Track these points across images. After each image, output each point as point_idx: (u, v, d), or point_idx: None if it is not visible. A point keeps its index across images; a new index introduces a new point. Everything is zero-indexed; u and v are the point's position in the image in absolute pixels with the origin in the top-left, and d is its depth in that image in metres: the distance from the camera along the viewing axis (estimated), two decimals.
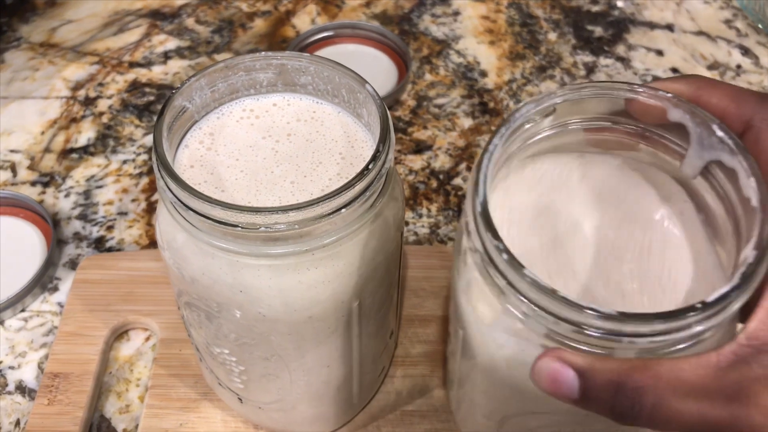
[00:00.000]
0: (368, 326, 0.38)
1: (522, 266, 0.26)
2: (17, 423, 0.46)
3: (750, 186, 0.28)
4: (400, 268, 0.42)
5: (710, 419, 0.24)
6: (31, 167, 0.62)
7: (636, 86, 0.31)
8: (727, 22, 0.77)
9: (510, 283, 0.27)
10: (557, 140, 0.34)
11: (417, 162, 0.62)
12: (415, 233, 0.57)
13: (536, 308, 0.27)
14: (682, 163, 0.32)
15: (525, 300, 0.27)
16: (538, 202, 0.33)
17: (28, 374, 0.48)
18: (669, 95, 0.31)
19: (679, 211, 0.33)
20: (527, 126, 0.32)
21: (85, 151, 0.63)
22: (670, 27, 0.76)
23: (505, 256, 0.27)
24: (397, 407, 0.46)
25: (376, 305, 0.38)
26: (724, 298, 0.25)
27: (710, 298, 0.25)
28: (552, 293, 0.26)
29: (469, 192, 0.29)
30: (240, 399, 0.42)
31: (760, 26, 0.76)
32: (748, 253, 0.27)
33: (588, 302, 0.25)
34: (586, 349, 0.27)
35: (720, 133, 0.29)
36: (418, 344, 0.49)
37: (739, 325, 0.28)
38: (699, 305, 0.25)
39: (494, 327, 0.31)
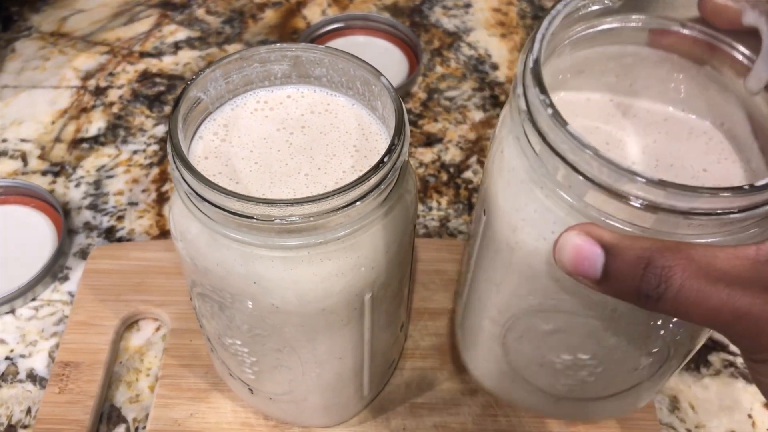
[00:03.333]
0: (380, 318, 0.38)
1: (565, 122, 0.26)
2: (28, 411, 0.46)
3: None
4: (412, 261, 0.42)
5: (740, 306, 0.23)
6: (41, 157, 0.62)
7: None
8: None
9: (549, 144, 0.26)
10: (618, 37, 0.33)
11: (427, 155, 0.62)
12: (425, 226, 0.57)
13: (573, 171, 0.26)
14: (747, 76, 0.31)
15: (563, 162, 0.26)
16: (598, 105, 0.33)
17: (38, 363, 0.49)
18: None
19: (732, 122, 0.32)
20: (591, 7, 0.31)
21: (96, 141, 0.63)
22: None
23: (549, 110, 0.26)
24: (406, 400, 0.46)
25: (388, 297, 0.38)
26: None
27: (759, 182, 0.24)
28: (594, 152, 0.25)
29: (522, 54, 0.29)
30: (251, 390, 0.42)
31: None
32: None
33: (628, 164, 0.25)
34: (619, 226, 0.26)
35: None
36: (428, 337, 0.49)
37: None
38: (747, 186, 0.24)
39: (519, 205, 0.30)
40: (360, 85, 0.36)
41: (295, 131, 0.36)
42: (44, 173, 0.60)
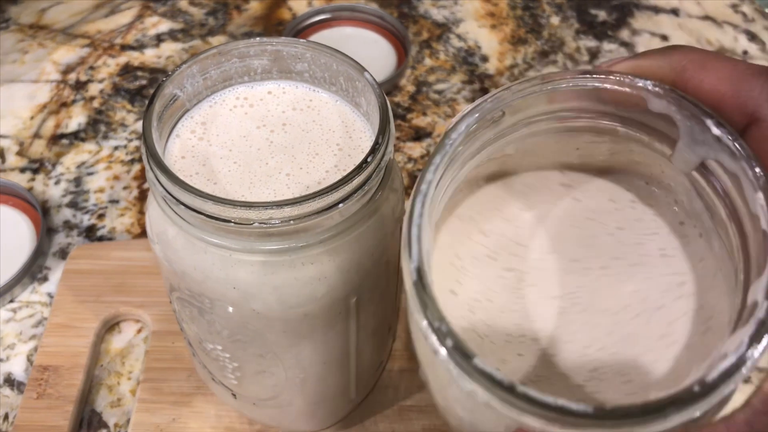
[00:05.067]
0: (366, 322, 0.37)
1: (471, 356, 0.21)
2: (6, 417, 0.45)
3: (758, 203, 0.23)
4: (400, 261, 0.41)
5: None
6: (20, 153, 0.60)
7: (603, 74, 0.26)
8: (734, 6, 0.76)
9: (460, 367, 0.22)
10: (516, 138, 0.29)
11: (416, 149, 0.61)
12: None
13: (493, 398, 0.22)
14: (672, 154, 0.26)
15: (480, 389, 0.22)
16: (501, 236, 0.30)
17: (16, 367, 0.47)
18: (647, 83, 0.25)
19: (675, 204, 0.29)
20: (468, 144, 0.26)
21: (76, 136, 0.61)
22: (675, 11, 0.75)
23: (449, 341, 0.22)
24: (395, 402, 0.45)
25: (374, 301, 0.37)
26: (728, 374, 0.20)
27: (711, 376, 0.20)
28: (510, 389, 0.21)
29: (403, 248, 0.24)
30: (234, 395, 0.41)
31: (767, 11, 0.74)
32: (759, 297, 0.21)
33: (556, 398, 0.20)
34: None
35: (717, 131, 0.23)
36: None
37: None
38: (697, 388, 0.20)
39: (451, 387, 0.25)
40: (343, 80, 0.35)
41: (276, 129, 0.35)
42: (23, 170, 0.59)
